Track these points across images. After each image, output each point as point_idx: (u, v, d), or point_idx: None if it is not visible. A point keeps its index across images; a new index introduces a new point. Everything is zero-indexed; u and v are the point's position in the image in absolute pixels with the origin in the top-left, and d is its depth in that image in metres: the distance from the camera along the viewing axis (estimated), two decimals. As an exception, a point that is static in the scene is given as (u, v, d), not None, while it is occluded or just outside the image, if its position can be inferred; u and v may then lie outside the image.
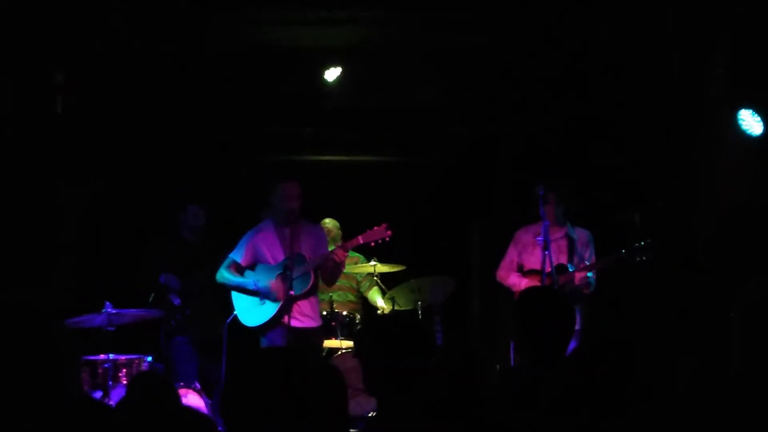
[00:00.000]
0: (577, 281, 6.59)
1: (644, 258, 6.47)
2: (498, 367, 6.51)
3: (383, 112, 8.11)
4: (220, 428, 3.17)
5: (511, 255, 6.98)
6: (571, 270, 6.64)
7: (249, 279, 6.32)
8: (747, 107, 6.28)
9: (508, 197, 8.30)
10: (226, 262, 6.39)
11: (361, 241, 6.26)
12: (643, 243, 6.47)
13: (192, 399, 6.04)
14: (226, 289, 6.42)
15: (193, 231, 6.92)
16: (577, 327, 6.48)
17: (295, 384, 2.64)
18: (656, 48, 6.83)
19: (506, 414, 3.30)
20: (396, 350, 3.21)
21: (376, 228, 6.23)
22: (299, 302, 6.19)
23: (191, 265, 6.72)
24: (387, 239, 6.27)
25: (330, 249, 6.41)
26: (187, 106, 7.64)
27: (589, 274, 6.64)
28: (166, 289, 6.69)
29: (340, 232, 7.64)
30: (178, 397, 3.88)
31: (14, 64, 6.50)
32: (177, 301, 6.68)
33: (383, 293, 7.50)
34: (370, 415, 6.57)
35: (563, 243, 6.79)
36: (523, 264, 6.88)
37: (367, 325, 3.76)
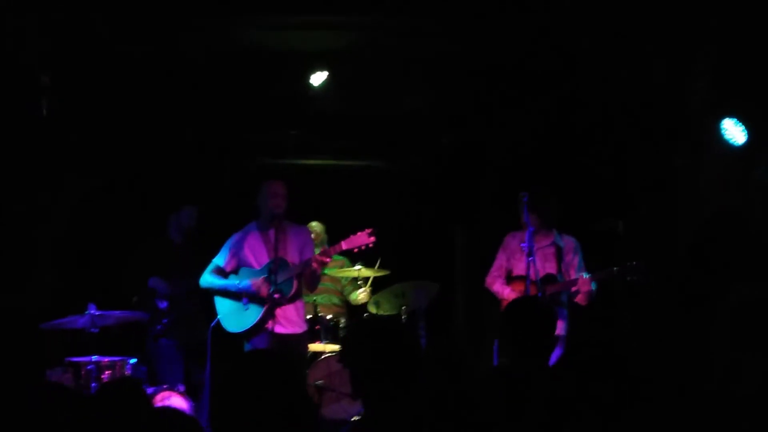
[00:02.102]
0: (581, 286, 6.57)
1: (634, 278, 6.49)
2: (482, 370, 6.53)
3: (369, 117, 8.13)
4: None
5: (500, 260, 6.99)
6: (560, 281, 6.66)
7: (232, 282, 6.30)
8: (730, 116, 6.33)
9: (492, 203, 8.33)
10: (210, 267, 6.37)
11: (344, 247, 6.22)
12: (635, 263, 6.49)
13: (176, 401, 6.02)
14: (210, 294, 6.40)
15: (183, 233, 6.92)
16: (562, 333, 6.58)
17: (279, 387, 2.65)
18: (640, 56, 6.87)
19: (492, 416, 3.33)
20: (381, 355, 3.24)
21: (359, 233, 6.20)
22: (283, 307, 6.15)
23: (178, 268, 6.71)
24: (370, 245, 6.24)
25: (316, 252, 6.40)
26: (172, 109, 7.63)
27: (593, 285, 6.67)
28: (154, 292, 6.69)
29: (326, 235, 7.65)
30: (148, 401, 3.86)
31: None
32: (163, 305, 6.67)
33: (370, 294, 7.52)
34: (354, 419, 6.58)
35: (550, 251, 6.79)
36: (512, 269, 6.90)
37: (351, 331, 3.80)
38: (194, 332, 6.64)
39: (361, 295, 7.52)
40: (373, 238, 6.18)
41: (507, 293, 6.80)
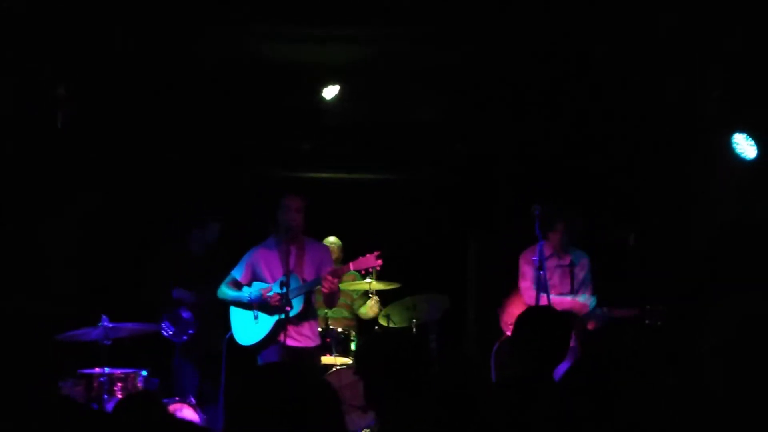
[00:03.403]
0: (589, 326, 6.61)
1: (654, 322, 6.50)
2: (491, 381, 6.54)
3: (381, 129, 8.15)
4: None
5: (529, 273, 6.87)
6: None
7: (244, 294, 6.32)
8: (741, 131, 6.33)
9: (505, 215, 8.32)
10: (227, 279, 6.41)
11: (352, 269, 6.21)
12: (655, 308, 6.50)
13: (187, 413, 6.06)
14: (226, 305, 6.43)
15: (205, 246, 6.98)
16: (571, 344, 6.56)
17: (292, 399, 2.67)
18: (654, 69, 6.87)
19: (499, 427, 3.34)
20: (393, 366, 3.27)
21: (368, 256, 6.16)
22: (295, 322, 6.14)
23: (199, 279, 6.74)
24: (378, 268, 6.22)
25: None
26: (186, 120, 7.67)
27: (592, 307, 6.66)
28: (179, 303, 6.74)
29: (341, 252, 7.66)
30: (168, 416, 3.89)
31: (15, 76, 6.53)
32: (186, 315, 6.72)
33: (379, 308, 7.52)
34: (364, 431, 6.59)
35: (567, 271, 6.80)
36: None
37: (365, 342, 3.84)
38: (212, 343, 6.68)
39: (368, 309, 7.53)
40: (380, 261, 6.14)
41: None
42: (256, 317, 6.24)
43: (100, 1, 6.22)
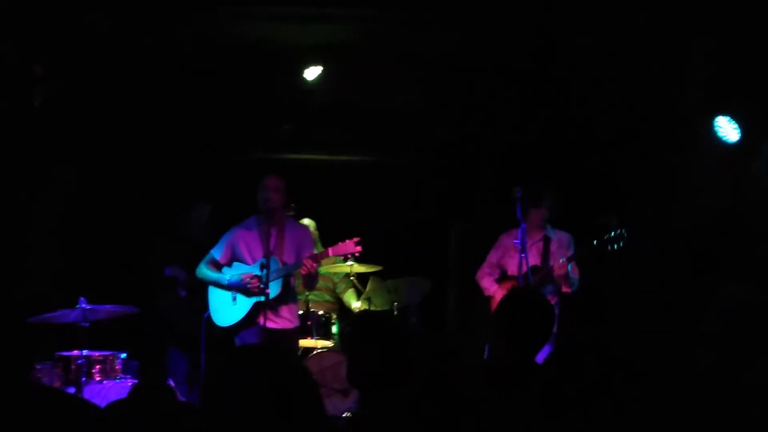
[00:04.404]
0: (556, 270, 6.62)
1: (617, 246, 6.51)
2: (473, 363, 6.54)
3: (363, 112, 8.11)
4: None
5: (492, 257, 7.04)
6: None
7: (223, 275, 6.28)
8: (724, 114, 6.33)
9: (486, 199, 8.32)
10: (206, 258, 6.37)
11: (330, 254, 6.23)
12: (613, 234, 6.52)
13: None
14: (204, 288, 6.39)
15: (198, 228, 6.96)
16: (554, 330, 6.57)
17: (270, 382, 2.64)
18: (636, 53, 6.86)
19: (485, 410, 3.33)
20: (376, 346, 3.28)
21: (347, 242, 6.17)
22: (274, 304, 6.12)
23: (191, 259, 6.70)
24: (356, 254, 6.25)
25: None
26: (167, 102, 7.61)
27: (569, 269, 6.67)
28: (175, 281, 6.72)
29: (317, 232, 7.63)
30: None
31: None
32: (183, 293, 6.72)
33: (359, 294, 7.50)
34: (345, 414, 6.58)
35: (540, 245, 6.85)
36: (506, 268, 6.94)
37: (351, 323, 3.85)
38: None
39: (354, 302, 7.53)
40: (359, 248, 6.16)
41: (494, 290, 6.83)
42: (234, 299, 6.22)
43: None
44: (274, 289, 6.05)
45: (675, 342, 6.11)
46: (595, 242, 6.59)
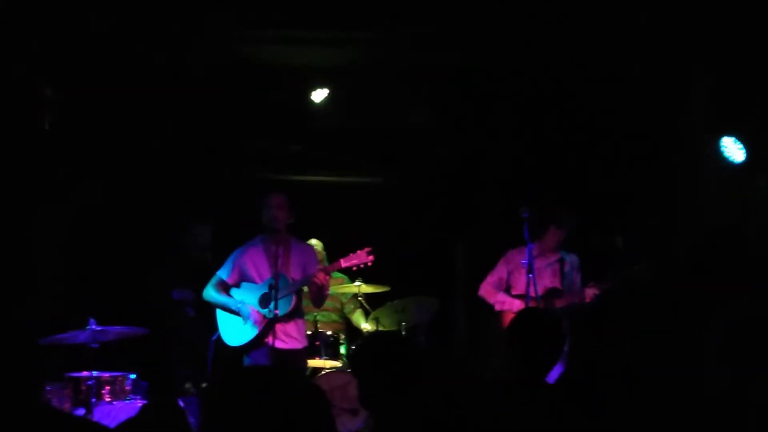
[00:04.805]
0: (588, 299, 6.64)
1: (644, 277, 6.55)
2: (483, 382, 6.54)
3: (369, 133, 8.15)
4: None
5: (500, 272, 6.98)
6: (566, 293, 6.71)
7: (233, 300, 6.27)
8: (729, 134, 6.35)
9: (493, 217, 8.33)
10: (213, 280, 6.34)
11: (343, 265, 6.19)
12: (636, 267, 6.55)
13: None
14: (212, 307, 6.40)
15: (200, 249, 6.98)
16: (565, 349, 6.59)
17: (278, 403, 2.66)
18: (640, 72, 6.89)
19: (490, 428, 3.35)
20: (385, 367, 3.30)
21: (359, 252, 6.15)
22: (283, 323, 6.12)
23: (196, 281, 6.72)
24: (369, 264, 6.19)
25: None
26: (174, 121, 7.65)
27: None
28: (183, 303, 6.74)
29: (324, 252, 7.65)
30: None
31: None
32: (192, 313, 6.73)
33: (367, 314, 7.51)
34: (355, 433, 6.59)
35: (557, 267, 6.83)
36: (512, 285, 6.90)
37: (362, 343, 3.86)
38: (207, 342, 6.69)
39: (363, 323, 7.53)
40: (371, 257, 6.14)
41: (509, 303, 6.79)
42: (245, 320, 6.20)
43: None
44: (284, 307, 6.05)
45: (681, 357, 6.13)
46: (624, 274, 6.60)
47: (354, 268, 6.20)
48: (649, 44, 6.58)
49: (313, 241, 7.59)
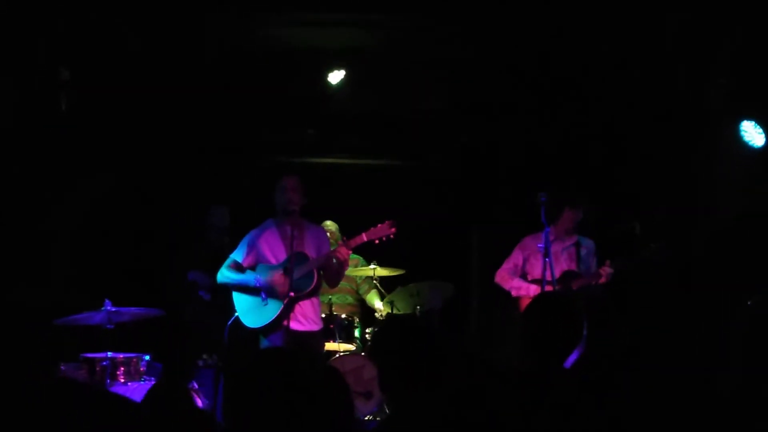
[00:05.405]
0: (603, 278, 6.62)
1: (659, 258, 6.53)
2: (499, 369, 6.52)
3: (386, 116, 8.13)
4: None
5: (516, 258, 6.99)
6: (583, 275, 6.70)
7: (251, 275, 6.23)
8: (749, 119, 6.30)
9: (508, 203, 8.31)
10: (227, 262, 6.32)
11: (365, 239, 6.12)
12: (654, 247, 6.53)
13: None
14: (228, 290, 6.39)
15: (219, 232, 6.98)
16: (583, 332, 6.56)
17: (295, 385, 2.65)
18: (659, 58, 6.84)
19: (509, 416, 3.32)
20: (407, 351, 3.28)
21: (380, 225, 6.11)
22: (301, 303, 6.10)
23: (214, 263, 6.72)
24: (392, 236, 6.12)
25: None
26: (190, 106, 7.64)
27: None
28: (195, 285, 6.75)
29: (339, 234, 7.64)
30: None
31: (18, 60, 6.49)
32: (207, 297, 6.74)
33: (382, 297, 7.50)
34: (367, 417, 6.59)
35: (573, 251, 6.82)
36: (528, 272, 6.90)
37: (381, 328, 3.81)
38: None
39: (377, 303, 7.53)
40: (394, 229, 6.08)
41: (526, 288, 6.79)
42: (264, 299, 6.17)
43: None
44: (307, 284, 6.05)
45: (700, 347, 6.09)
46: (640, 256, 6.57)
47: (377, 241, 6.14)
48: (668, 29, 6.53)
49: (329, 222, 7.58)
